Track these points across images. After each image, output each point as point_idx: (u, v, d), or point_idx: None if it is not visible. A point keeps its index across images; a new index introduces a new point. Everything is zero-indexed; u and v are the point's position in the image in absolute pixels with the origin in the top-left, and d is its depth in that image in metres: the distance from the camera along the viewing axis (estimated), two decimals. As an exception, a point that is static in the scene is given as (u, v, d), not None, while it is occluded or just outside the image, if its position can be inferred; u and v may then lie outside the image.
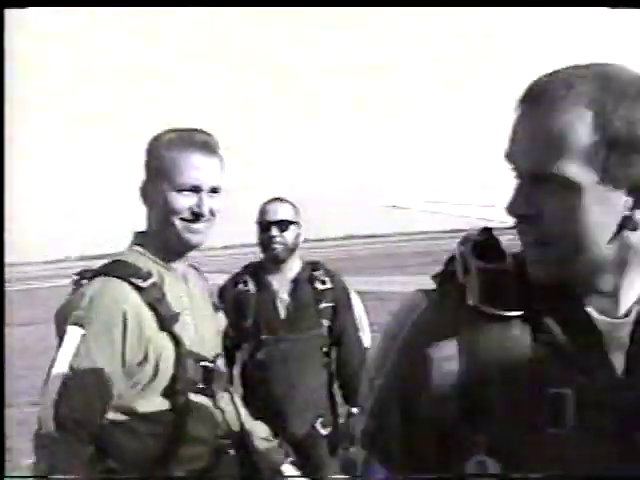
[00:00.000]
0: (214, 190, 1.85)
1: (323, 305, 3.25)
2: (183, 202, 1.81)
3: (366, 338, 3.47)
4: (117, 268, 1.79)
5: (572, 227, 0.95)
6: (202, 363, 1.84)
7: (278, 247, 3.17)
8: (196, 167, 1.81)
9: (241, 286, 3.24)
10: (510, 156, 0.99)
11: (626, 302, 1.01)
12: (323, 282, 3.30)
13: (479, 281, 1.00)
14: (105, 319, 1.70)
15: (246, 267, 3.36)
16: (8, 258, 2.05)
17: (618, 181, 0.94)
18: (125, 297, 1.73)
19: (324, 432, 3.15)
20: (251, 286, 3.22)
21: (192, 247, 1.86)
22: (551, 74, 0.97)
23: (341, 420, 3.25)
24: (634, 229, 0.96)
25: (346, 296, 3.38)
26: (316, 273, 3.32)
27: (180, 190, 1.80)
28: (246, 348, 3.18)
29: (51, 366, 1.69)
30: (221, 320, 2.12)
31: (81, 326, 1.68)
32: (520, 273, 1.01)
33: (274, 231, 3.16)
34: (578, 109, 0.93)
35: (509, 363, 0.98)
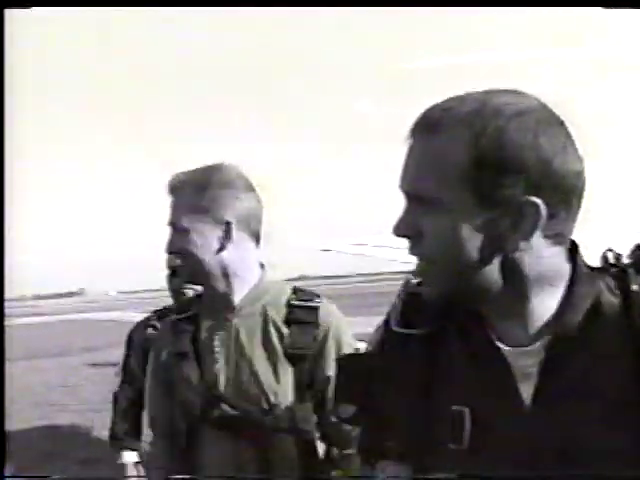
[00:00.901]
0: (175, 228, 1.87)
1: None
2: None
3: None
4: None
5: (449, 247, 0.95)
6: (225, 407, 1.86)
7: (188, 292, 3.13)
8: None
9: (149, 330, 3.27)
10: (399, 182, 1.00)
11: (530, 330, 0.99)
12: None
13: (402, 304, 1.08)
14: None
15: (155, 312, 3.40)
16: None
17: (492, 202, 0.92)
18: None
19: None
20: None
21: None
22: (442, 101, 0.97)
23: None
24: (513, 251, 0.94)
25: None
26: None
27: None
28: None
29: None
30: (301, 374, 1.92)
31: None
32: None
33: None
34: (451, 131, 0.93)
35: (417, 379, 1.03)
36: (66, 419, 9.48)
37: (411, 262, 1.03)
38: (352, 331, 1.96)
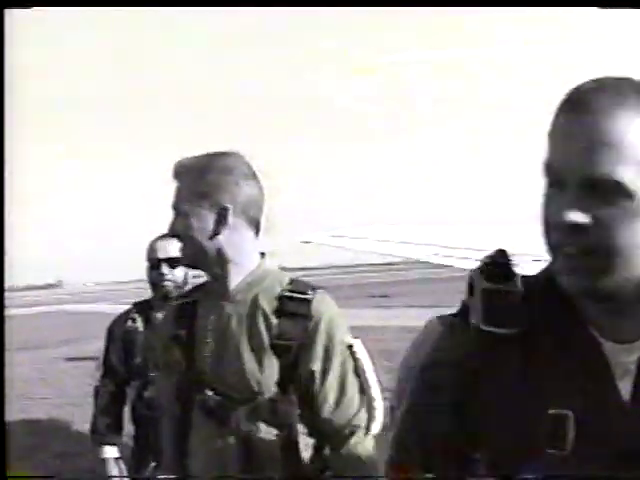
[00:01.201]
0: (177, 212, 1.90)
1: None
2: None
3: None
4: None
5: (624, 237, 0.91)
6: (208, 392, 1.88)
7: (168, 284, 3.17)
8: None
9: (129, 323, 3.28)
10: (554, 164, 0.94)
11: (636, 326, 0.97)
12: None
13: (482, 301, 1.00)
14: None
15: (134, 305, 3.40)
16: None
17: None
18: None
19: None
20: (139, 324, 3.28)
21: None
22: (595, 82, 0.94)
23: None
24: None
25: None
26: None
27: None
28: (134, 386, 3.22)
29: None
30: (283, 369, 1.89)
31: None
32: (527, 294, 1.00)
33: (164, 269, 3.16)
34: (634, 116, 0.91)
35: (509, 381, 0.98)
36: (45, 413, 9.40)
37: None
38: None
